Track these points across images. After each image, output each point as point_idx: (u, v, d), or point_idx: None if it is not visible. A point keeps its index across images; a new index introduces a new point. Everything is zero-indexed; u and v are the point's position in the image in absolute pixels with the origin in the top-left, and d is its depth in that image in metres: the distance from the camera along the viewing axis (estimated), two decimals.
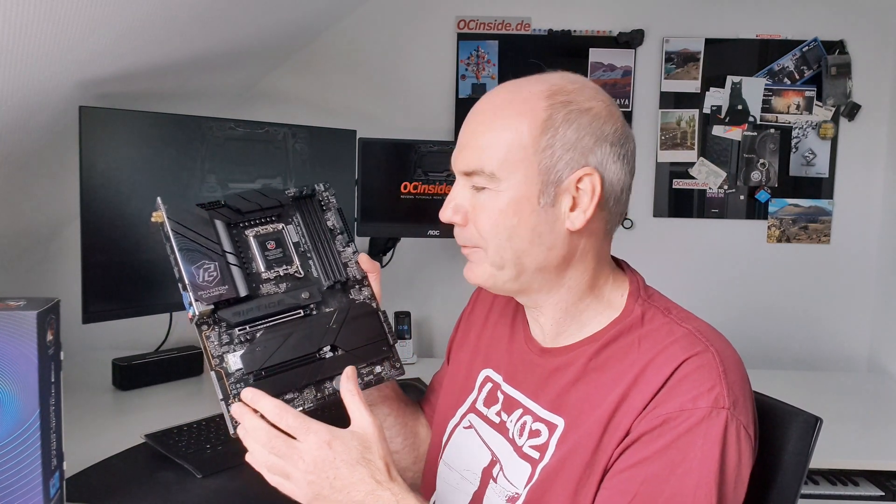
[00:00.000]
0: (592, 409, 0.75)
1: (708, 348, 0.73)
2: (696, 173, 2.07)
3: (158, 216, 0.81)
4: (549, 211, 0.76)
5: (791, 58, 2.04)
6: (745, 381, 0.75)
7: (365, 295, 0.89)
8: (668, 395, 0.71)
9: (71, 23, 1.08)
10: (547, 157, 0.75)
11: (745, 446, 0.70)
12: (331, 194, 0.93)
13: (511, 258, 0.78)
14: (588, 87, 0.78)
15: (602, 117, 0.76)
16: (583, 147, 0.75)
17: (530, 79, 0.79)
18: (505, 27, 2.04)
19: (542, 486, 0.77)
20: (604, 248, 0.82)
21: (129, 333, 1.83)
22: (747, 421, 0.71)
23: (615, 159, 0.76)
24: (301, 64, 2.05)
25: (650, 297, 0.81)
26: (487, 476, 0.84)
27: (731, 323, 2.05)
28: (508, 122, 0.76)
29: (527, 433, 0.81)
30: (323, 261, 0.88)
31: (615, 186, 0.77)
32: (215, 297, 0.79)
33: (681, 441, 0.69)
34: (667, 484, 0.69)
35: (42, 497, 0.80)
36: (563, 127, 0.75)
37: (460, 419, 0.92)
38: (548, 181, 0.76)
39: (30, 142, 1.37)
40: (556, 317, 0.82)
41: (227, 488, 1.10)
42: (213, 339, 0.80)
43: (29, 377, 0.78)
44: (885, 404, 1.78)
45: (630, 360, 0.75)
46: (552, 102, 0.75)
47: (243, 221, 0.86)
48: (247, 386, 0.78)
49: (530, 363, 0.85)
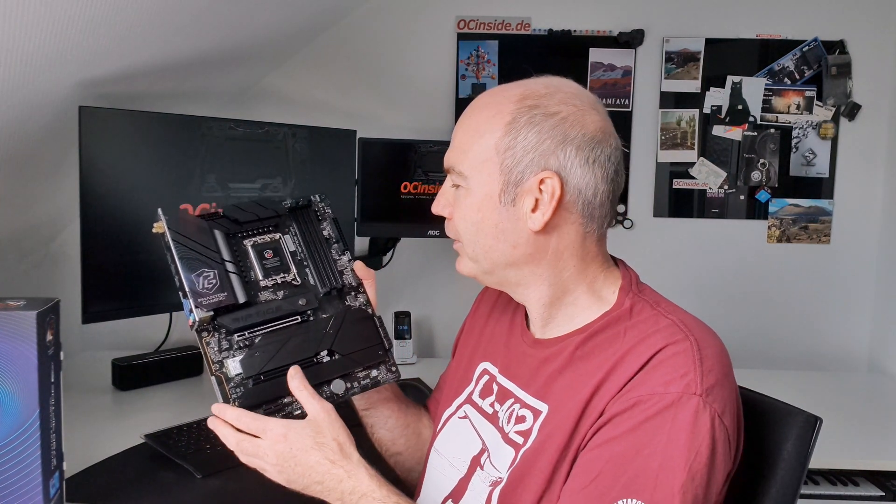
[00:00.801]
0: (574, 395, 0.77)
1: (687, 337, 0.74)
2: (697, 173, 2.07)
3: (159, 227, 0.84)
4: (510, 210, 0.80)
5: (791, 58, 2.04)
6: (726, 373, 0.75)
7: (360, 301, 0.91)
8: (642, 379, 0.73)
9: (71, 23, 1.08)
10: (509, 157, 0.79)
11: (720, 436, 0.70)
12: (326, 205, 0.95)
13: (481, 253, 0.83)
14: (562, 92, 0.80)
15: (568, 121, 0.78)
16: (543, 150, 0.78)
17: (514, 83, 0.83)
18: (505, 27, 2.04)
19: (522, 468, 0.79)
20: (587, 249, 0.82)
21: (129, 333, 1.84)
22: (723, 410, 0.71)
23: (581, 164, 0.78)
24: (301, 64, 2.05)
25: (641, 292, 0.83)
26: (475, 464, 0.86)
27: (731, 323, 2.06)
28: (480, 124, 0.81)
29: (513, 419, 0.83)
30: (319, 269, 0.90)
31: (584, 191, 0.79)
32: (214, 304, 0.81)
33: (648, 423, 0.70)
34: (631, 464, 0.70)
35: (42, 497, 0.80)
36: (525, 129, 0.78)
37: (456, 409, 0.94)
38: (509, 181, 0.79)
39: (30, 142, 1.37)
40: (540, 310, 0.85)
41: (227, 488, 1.10)
42: (212, 345, 0.81)
43: (29, 377, 0.78)
44: (885, 404, 1.78)
45: (614, 348, 0.77)
46: (519, 106, 0.79)
47: (241, 232, 0.88)
48: (245, 391, 0.80)
49: (523, 354, 0.87)
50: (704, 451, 0.69)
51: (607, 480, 0.70)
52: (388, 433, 0.99)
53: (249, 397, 0.81)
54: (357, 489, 0.77)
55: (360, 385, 0.87)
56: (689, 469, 0.68)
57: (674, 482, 0.68)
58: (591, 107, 0.80)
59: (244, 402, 0.80)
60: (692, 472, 0.69)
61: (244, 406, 0.80)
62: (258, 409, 0.81)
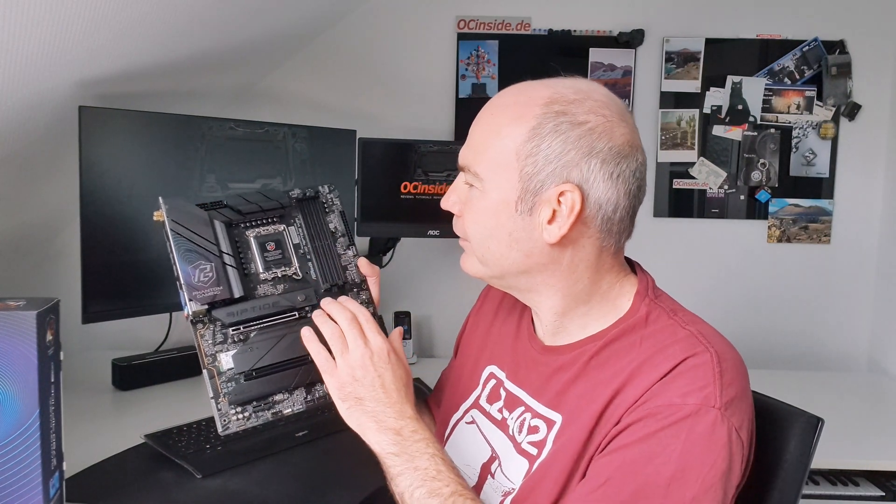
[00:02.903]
0: (588, 404, 0.75)
1: (708, 349, 0.73)
2: (697, 173, 2.07)
3: (160, 215, 0.83)
4: (525, 219, 0.76)
5: (791, 58, 2.04)
6: (745, 387, 0.74)
7: (362, 299, 0.90)
8: (660, 389, 0.71)
9: (71, 22, 1.08)
10: (529, 164, 0.75)
11: (736, 450, 0.69)
12: (335, 196, 0.93)
13: (491, 259, 0.80)
14: (591, 100, 0.75)
15: (596, 133, 0.74)
16: (567, 161, 0.74)
17: (542, 82, 0.78)
18: (505, 27, 2.04)
19: (535, 479, 0.77)
20: (602, 262, 0.80)
21: (128, 333, 1.84)
22: (741, 425, 0.70)
23: (604, 178, 0.74)
24: (301, 64, 2.05)
25: (657, 298, 0.81)
26: (486, 472, 0.85)
27: (731, 323, 2.05)
28: (501, 125, 0.77)
29: (525, 429, 0.82)
30: (322, 263, 0.89)
31: (605, 206, 0.76)
32: (209, 298, 0.80)
33: (663, 433, 0.69)
34: (642, 472, 0.68)
35: (42, 497, 0.80)
36: (550, 137, 0.74)
37: (463, 414, 0.93)
38: (527, 189, 0.75)
39: (30, 142, 1.36)
40: (552, 319, 0.83)
41: (227, 488, 1.10)
42: (206, 338, 0.81)
43: (29, 377, 0.78)
44: (885, 404, 1.78)
45: (629, 357, 0.75)
46: (546, 111, 0.75)
47: (244, 222, 0.87)
48: (237, 386, 0.80)
49: (533, 361, 0.86)
50: (720, 464, 0.68)
51: (616, 485, 0.69)
52: None
53: (240, 393, 0.80)
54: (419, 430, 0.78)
55: None
56: (702, 481, 0.67)
57: (685, 493, 0.67)
58: (621, 118, 0.76)
59: (234, 397, 0.80)
60: (706, 485, 0.67)
61: (234, 402, 0.80)
62: (248, 405, 0.81)
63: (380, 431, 0.77)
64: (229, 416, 0.80)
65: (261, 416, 0.81)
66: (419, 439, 0.77)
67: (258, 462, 1.17)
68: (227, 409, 0.80)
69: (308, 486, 1.10)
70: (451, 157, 1.83)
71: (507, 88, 0.80)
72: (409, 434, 0.77)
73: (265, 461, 1.18)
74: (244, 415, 0.81)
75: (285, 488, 1.09)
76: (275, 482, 1.11)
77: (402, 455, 0.76)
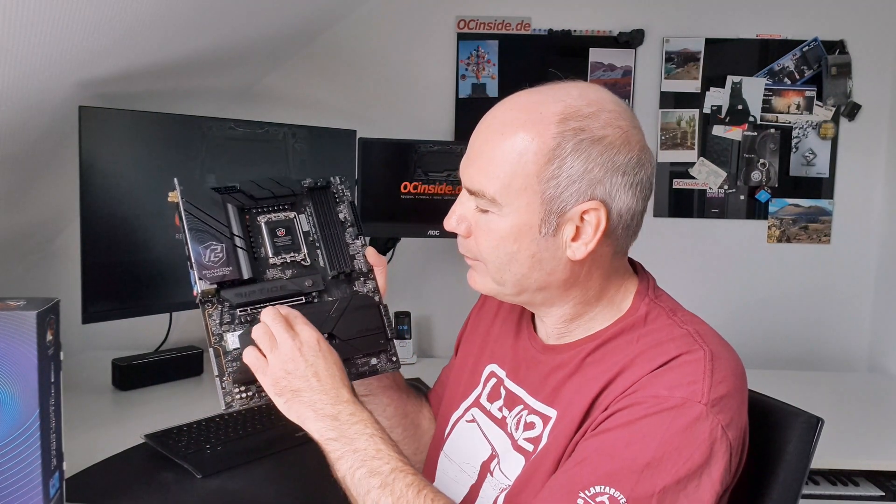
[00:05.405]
0: (581, 398, 0.76)
1: (702, 347, 0.73)
2: (697, 173, 2.07)
3: (174, 196, 0.84)
4: (549, 240, 0.75)
5: (791, 58, 2.04)
6: (738, 387, 0.74)
7: (369, 287, 0.91)
8: (649, 381, 0.72)
9: (71, 23, 1.08)
10: (552, 187, 0.73)
11: (720, 447, 0.69)
12: (345, 187, 0.95)
13: (511, 279, 0.79)
14: (606, 111, 0.74)
15: (616, 146, 0.73)
16: (591, 178, 0.73)
17: (547, 94, 0.76)
18: (505, 27, 2.04)
19: (528, 472, 0.78)
20: (614, 266, 0.81)
21: (129, 333, 1.83)
22: (728, 423, 0.70)
23: (626, 189, 0.74)
24: (301, 64, 2.04)
25: (657, 298, 0.82)
26: (485, 470, 0.85)
27: (731, 323, 2.06)
28: (516, 147, 0.73)
29: (522, 426, 0.83)
30: (330, 251, 0.90)
31: (624, 215, 0.75)
32: (218, 278, 0.82)
33: (645, 421, 0.69)
34: (618, 456, 0.69)
35: (42, 497, 0.80)
36: (572, 158, 0.72)
37: (463, 412, 0.93)
38: (551, 211, 0.74)
39: (30, 142, 1.36)
40: (559, 325, 0.83)
41: (227, 488, 1.10)
42: (214, 318, 0.82)
43: (29, 377, 0.78)
44: (885, 404, 1.78)
45: (625, 353, 0.76)
46: (563, 129, 0.72)
47: (256, 207, 0.88)
48: (241, 365, 0.81)
49: (533, 360, 0.86)
50: (697, 458, 0.68)
51: (592, 465, 0.70)
52: (387, 421, 0.98)
53: (245, 372, 0.81)
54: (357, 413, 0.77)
55: (358, 371, 0.87)
56: (675, 473, 0.67)
57: (656, 482, 0.67)
58: (633, 125, 0.76)
59: (239, 376, 0.81)
60: (677, 477, 0.67)
61: (238, 381, 0.81)
62: (251, 385, 0.81)
63: (318, 419, 0.77)
64: (233, 394, 0.81)
65: (263, 396, 0.82)
66: (356, 421, 0.77)
67: (258, 462, 1.17)
68: (231, 387, 0.81)
69: (308, 486, 1.10)
70: (451, 157, 1.83)
71: (511, 100, 0.77)
72: (346, 418, 0.77)
73: (265, 461, 1.18)
74: (247, 394, 0.82)
75: (285, 488, 1.09)
76: (275, 482, 1.11)
77: (341, 439, 0.76)
